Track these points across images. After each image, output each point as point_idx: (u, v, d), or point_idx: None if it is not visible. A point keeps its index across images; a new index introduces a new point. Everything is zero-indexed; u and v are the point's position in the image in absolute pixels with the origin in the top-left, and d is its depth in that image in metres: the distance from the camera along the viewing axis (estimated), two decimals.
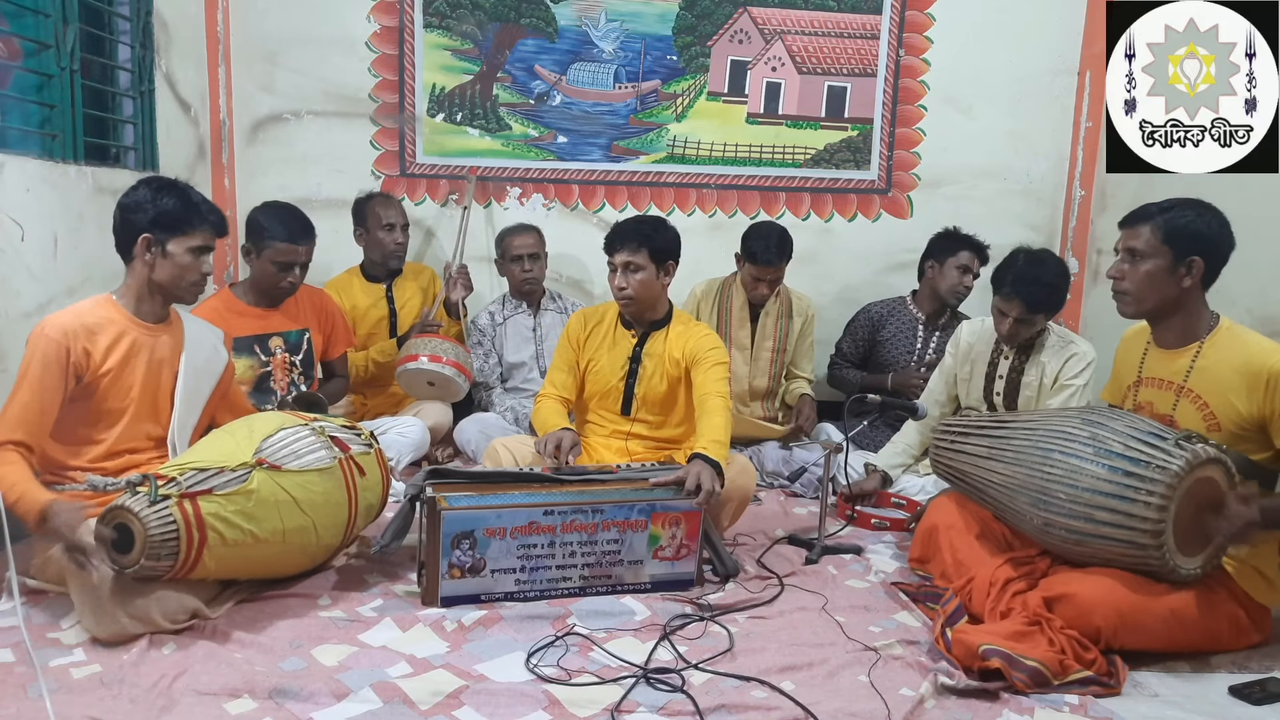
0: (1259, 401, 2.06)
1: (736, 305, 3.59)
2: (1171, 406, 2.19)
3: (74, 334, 2.14)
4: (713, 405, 2.57)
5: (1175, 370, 2.20)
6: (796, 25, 3.96)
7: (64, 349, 2.12)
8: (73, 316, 2.17)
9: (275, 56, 3.88)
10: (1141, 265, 2.16)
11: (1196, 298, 2.17)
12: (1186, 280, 2.13)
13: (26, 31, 2.82)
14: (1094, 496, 2.04)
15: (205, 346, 2.44)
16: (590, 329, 2.84)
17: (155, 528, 1.93)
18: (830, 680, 1.96)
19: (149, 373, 2.28)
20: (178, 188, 2.27)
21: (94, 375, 2.18)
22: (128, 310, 2.27)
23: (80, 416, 2.20)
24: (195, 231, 2.26)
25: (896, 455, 3.11)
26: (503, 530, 2.24)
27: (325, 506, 2.26)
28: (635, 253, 2.65)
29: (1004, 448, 2.31)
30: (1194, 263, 2.11)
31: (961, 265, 3.52)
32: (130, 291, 2.28)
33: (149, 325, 2.29)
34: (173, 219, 2.23)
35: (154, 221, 2.21)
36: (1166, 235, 2.13)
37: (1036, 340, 2.88)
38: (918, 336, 3.59)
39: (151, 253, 2.23)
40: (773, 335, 3.59)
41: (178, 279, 2.26)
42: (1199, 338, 2.17)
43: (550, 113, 3.99)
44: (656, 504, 2.35)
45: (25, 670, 1.85)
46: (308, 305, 3.10)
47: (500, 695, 1.86)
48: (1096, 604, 2.02)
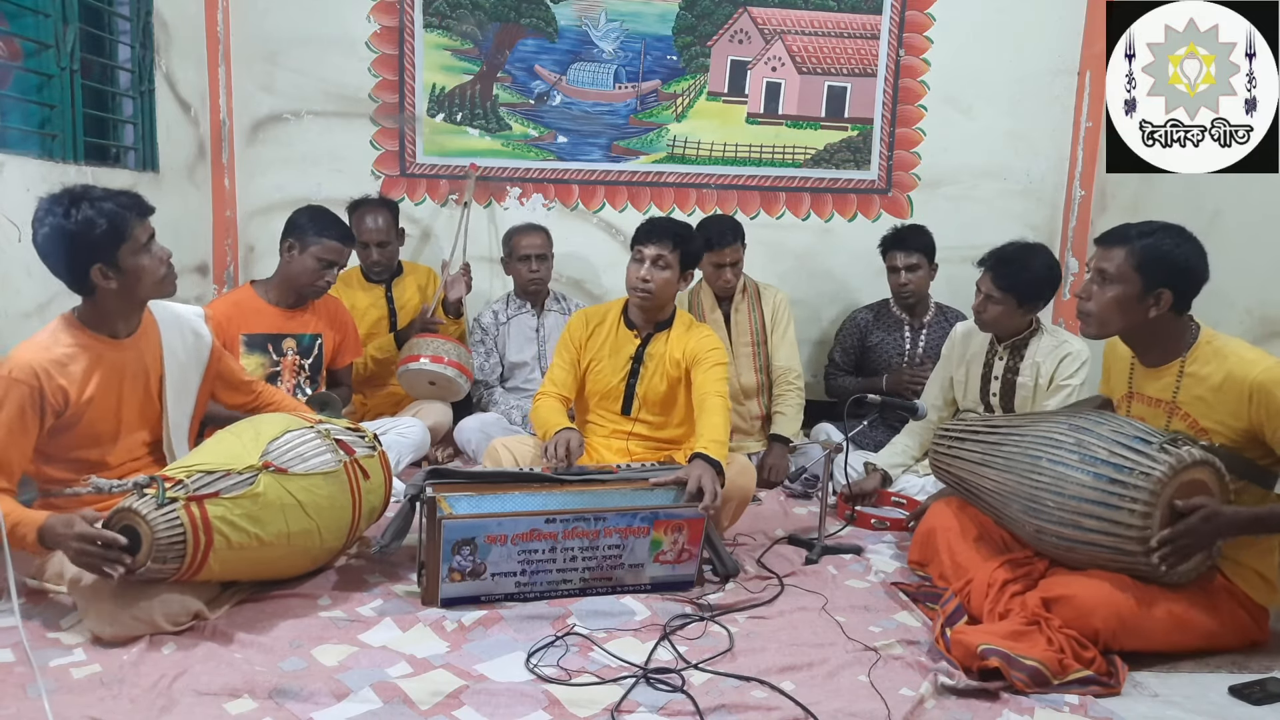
0: (1247, 415, 2.02)
1: (707, 309, 3.54)
2: (1164, 425, 2.16)
3: (44, 372, 2.03)
4: (712, 405, 2.57)
5: (1162, 388, 2.17)
6: (796, 25, 3.96)
7: (36, 391, 2.02)
8: (38, 351, 2.05)
9: (275, 56, 3.88)
10: (1109, 290, 2.11)
11: (1167, 321, 2.11)
12: (1153, 311, 2.08)
13: (26, 31, 2.82)
14: (1080, 504, 2.04)
15: (185, 336, 2.36)
16: (592, 329, 2.84)
17: (162, 530, 1.92)
18: (830, 680, 1.96)
19: (131, 388, 2.23)
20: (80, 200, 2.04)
21: (76, 407, 2.10)
22: (94, 331, 2.15)
23: (71, 443, 2.15)
24: (133, 231, 2.08)
25: (896, 455, 3.12)
26: (504, 537, 2.23)
27: (330, 510, 2.25)
28: (669, 249, 2.66)
29: (996, 454, 2.31)
30: (1162, 295, 2.06)
31: (890, 267, 3.52)
32: (94, 313, 2.15)
33: (119, 341, 2.20)
34: (108, 235, 2.04)
35: (94, 248, 2.03)
36: (1139, 262, 2.07)
37: (1030, 339, 2.88)
38: (905, 336, 3.59)
39: (109, 278, 2.08)
40: (748, 330, 3.57)
41: (149, 283, 2.14)
42: (1180, 354, 2.12)
43: (550, 113, 3.99)
44: (660, 512, 2.33)
45: (25, 670, 1.85)
46: (324, 311, 3.12)
47: (500, 695, 1.86)
48: (1096, 606, 2.02)
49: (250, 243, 4.00)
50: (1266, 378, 1.98)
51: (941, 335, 3.47)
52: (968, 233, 3.97)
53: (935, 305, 3.62)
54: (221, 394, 2.52)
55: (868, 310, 3.71)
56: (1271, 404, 1.97)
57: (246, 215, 3.98)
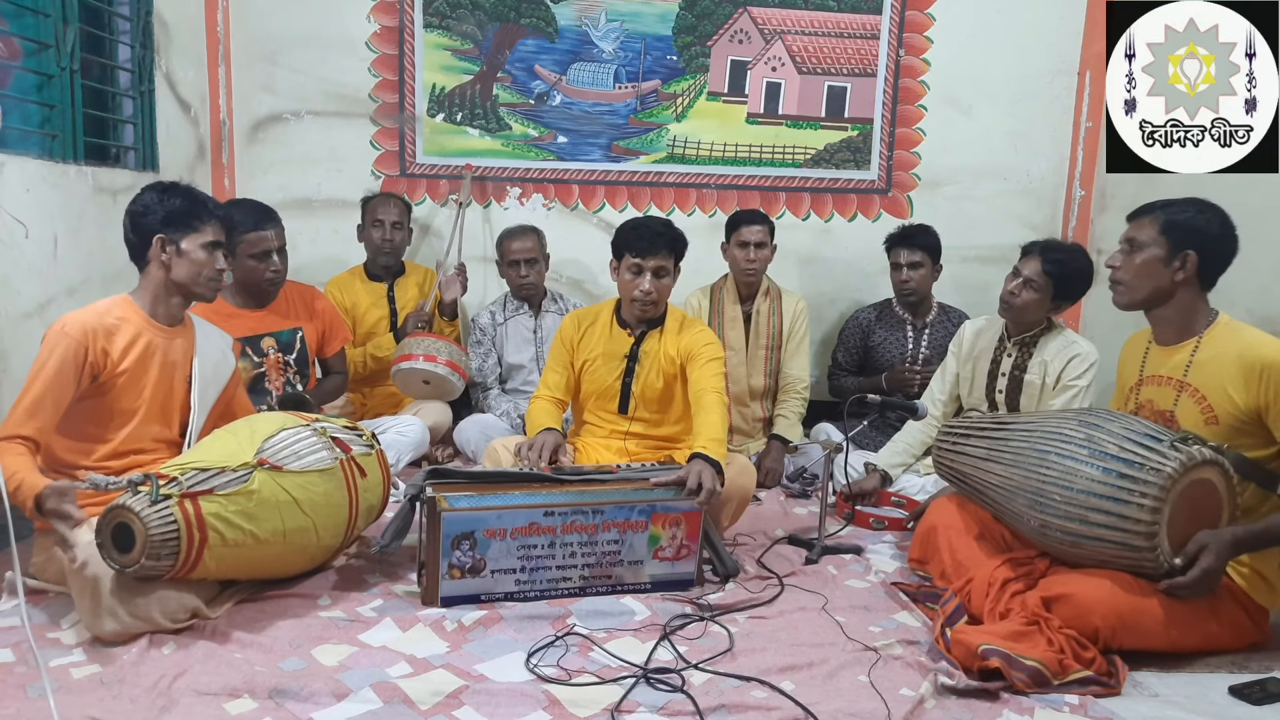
0: (1254, 393, 2.06)
1: (728, 305, 3.58)
2: (1173, 402, 2.19)
3: (94, 333, 2.15)
4: (709, 402, 2.57)
5: (1174, 365, 2.21)
6: (796, 25, 3.96)
7: (83, 348, 2.12)
8: (94, 316, 2.18)
9: (275, 56, 3.88)
10: (1138, 256, 2.21)
11: (1192, 292, 2.19)
12: (1180, 274, 2.16)
13: (26, 31, 2.82)
14: (1088, 498, 2.04)
15: (215, 352, 2.46)
16: (584, 330, 2.83)
17: (156, 527, 1.92)
18: (830, 680, 1.96)
19: (162, 375, 2.29)
20: (181, 188, 2.30)
21: (110, 375, 2.19)
22: (144, 311, 2.28)
23: (91, 414, 2.21)
24: (205, 227, 2.28)
25: (897, 455, 3.11)
26: (503, 531, 2.24)
27: (326, 507, 2.26)
28: (667, 258, 2.66)
29: (1002, 449, 2.32)
30: (1188, 256, 2.15)
31: (894, 264, 3.54)
32: (146, 294, 2.29)
33: (164, 328, 2.31)
34: (182, 217, 2.25)
35: (165, 222, 2.24)
36: (1164, 227, 2.18)
37: (1040, 338, 2.88)
38: (908, 336, 3.59)
39: (166, 252, 2.25)
40: (765, 332, 3.59)
41: (195, 275, 2.28)
42: (1197, 333, 2.19)
43: (550, 113, 3.99)
44: (657, 505, 2.35)
45: (25, 670, 1.85)
46: (298, 303, 3.09)
47: (500, 695, 1.86)
48: (1095, 604, 2.02)
49: None
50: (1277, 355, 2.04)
51: (944, 335, 3.48)
52: (968, 233, 3.98)
53: (938, 305, 3.62)
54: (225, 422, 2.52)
55: (871, 309, 3.71)
56: None
57: None
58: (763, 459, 3.44)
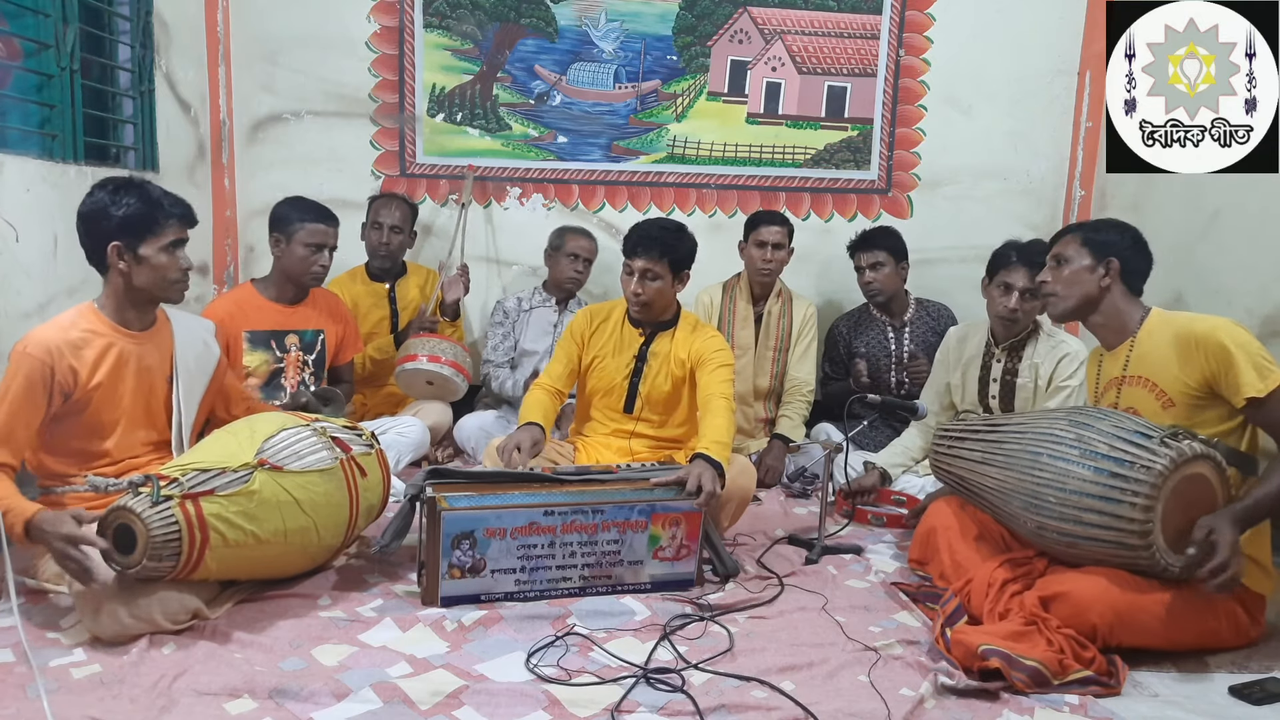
0: (1198, 366, 2.11)
1: (741, 304, 3.59)
2: (1130, 398, 2.25)
3: (58, 351, 2.08)
4: (716, 406, 2.57)
5: (1117, 366, 2.30)
6: (796, 25, 3.96)
7: (48, 367, 2.06)
8: (56, 332, 2.10)
9: (275, 56, 3.88)
10: (1065, 268, 2.33)
11: (1119, 296, 2.29)
12: (1105, 279, 2.28)
13: (26, 31, 2.82)
14: (1081, 499, 2.05)
15: (195, 345, 2.41)
16: (596, 326, 2.84)
17: (158, 529, 1.92)
18: (830, 680, 1.96)
19: (139, 382, 2.25)
20: (135, 185, 2.16)
21: (83, 391, 2.13)
22: (111, 320, 2.20)
23: (74, 431, 2.17)
24: (164, 228, 2.16)
25: (896, 456, 3.11)
26: (503, 531, 2.24)
27: (327, 507, 2.26)
28: (655, 261, 2.66)
29: (997, 452, 2.32)
30: (1110, 263, 2.27)
31: (857, 267, 3.55)
32: (111, 301, 2.20)
33: (134, 333, 2.24)
34: (139, 220, 2.13)
35: (121, 228, 2.11)
36: (1085, 240, 2.32)
37: (1027, 341, 2.88)
38: (889, 337, 3.59)
39: (125, 260, 2.14)
40: (775, 334, 3.60)
41: (158, 280, 2.19)
42: (1132, 332, 2.27)
43: (550, 113, 3.99)
44: (656, 504, 2.35)
45: (25, 670, 1.85)
46: (324, 307, 3.13)
47: (500, 695, 1.86)
48: (1092, 601, 2.02)
49: (250, 243, 4.00)
50: (1208, 326, 2.12)
51: (925, 330, 3.50)
52: (968, 233, 3.98)
53: (915, 301, 3.62)
54: (220, 410, 2.53)
55: (845, 319, 3.73)
56: (1218, 351, 2.07)
57: (246, 215, 3.98)
58: (764, 457, 3.45)
